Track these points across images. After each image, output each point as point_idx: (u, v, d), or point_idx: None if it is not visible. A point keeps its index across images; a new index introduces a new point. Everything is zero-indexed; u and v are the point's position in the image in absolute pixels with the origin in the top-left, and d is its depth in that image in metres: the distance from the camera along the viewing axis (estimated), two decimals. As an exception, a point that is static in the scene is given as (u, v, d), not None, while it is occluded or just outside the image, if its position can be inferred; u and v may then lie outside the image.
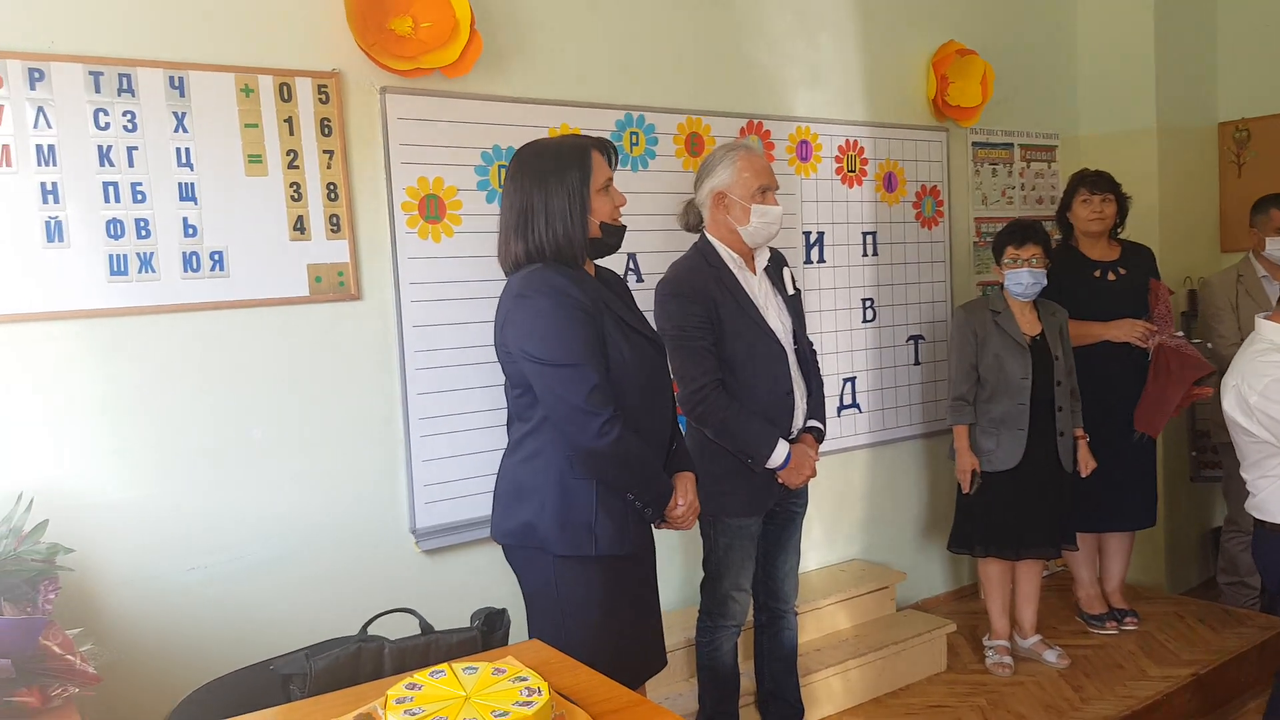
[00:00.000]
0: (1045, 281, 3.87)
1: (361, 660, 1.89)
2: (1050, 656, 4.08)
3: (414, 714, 1.51)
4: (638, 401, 2.48)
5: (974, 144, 4.80)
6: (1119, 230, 4.34)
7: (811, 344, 3.30)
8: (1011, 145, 4.96)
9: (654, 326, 2.86)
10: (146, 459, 2.74)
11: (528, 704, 1.53)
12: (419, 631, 2.00)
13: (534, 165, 2.48)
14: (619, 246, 2.57)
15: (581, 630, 2.47)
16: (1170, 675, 3.93)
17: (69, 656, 2.00)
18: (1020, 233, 3.87)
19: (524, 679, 1.63)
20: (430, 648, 1.95)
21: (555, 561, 2.49)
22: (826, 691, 3.73)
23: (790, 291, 3.23)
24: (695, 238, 3.18)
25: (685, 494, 2.61)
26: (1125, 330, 4.15)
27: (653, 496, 2.51)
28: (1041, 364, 3.87)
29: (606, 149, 2.55)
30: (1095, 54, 5.14)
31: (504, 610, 2.09)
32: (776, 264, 3.23)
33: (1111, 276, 4.26)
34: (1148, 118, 4.97)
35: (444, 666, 1.69)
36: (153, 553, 2.75)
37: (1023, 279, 3.84)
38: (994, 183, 4.90)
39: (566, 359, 2.36)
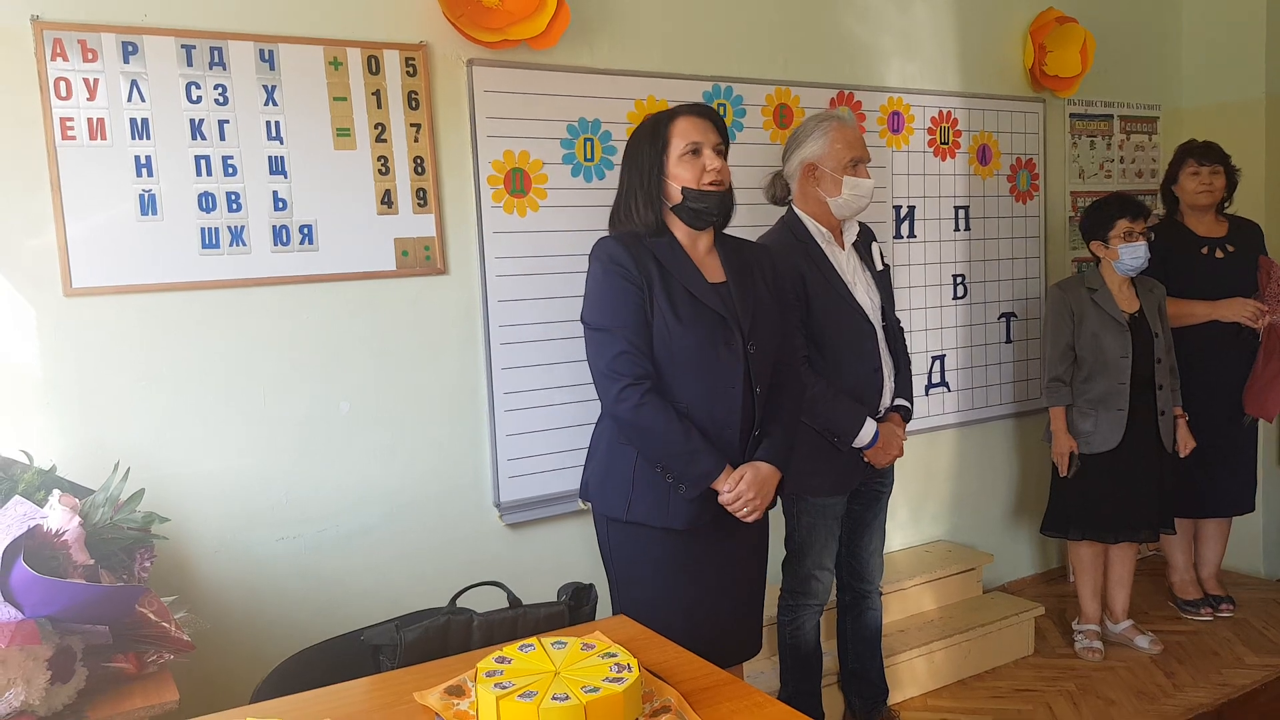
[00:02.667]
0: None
1: (451, 632, 1.89)
2: (1142, 642, 3.99)
3: (504, 687, 1.50)
4: (686, 376, 2.44)
5: (1072, 115, 4.65)
6: (1226, 205, 4.18)
7: (899, 321, 3.23)
8: (1111, 117, 4.79)
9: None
10: (238, 430, 2.78)
11: (618, 680, 1.52)
12: (506, 605, 2.00)
13: (629, 141, 2.57)
14: (715, 213, 2.50)
15: (635, 595, 2.53)
16: (1269, 664, 3.83)
17: (164, 624, 2.04)
18: (1135, 205, 3.75)
19: (613, 655, 1.62)
20: (518, 621, 1.95)
21: (605, 521, 2.58)
22: (910, 673, 3.68)
23: (879, 267, 3.16)
24: (781, 211, 3.13)
25: (735, 483, 2.45)
26: (1235, 309, 4.01)
27: (684, 473, 2.42)
28: (1141, 342, 3.75)
29: (703, 114, 2.52)
30: (1201, 21, 4.94)
31: (591, 585, 2.08)
32: (865, 239, 3.16)
33: (1219, 254, 4.11)
34: (1256, 88, 4.76)
35: (533, 640, 1.69)
36: (244, 523, 2.80)
37: (1140, 252, 3.71)
38: (1092, 156, 4.75)
39: (600, 322, 2.45)
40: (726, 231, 2.64)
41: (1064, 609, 4.33)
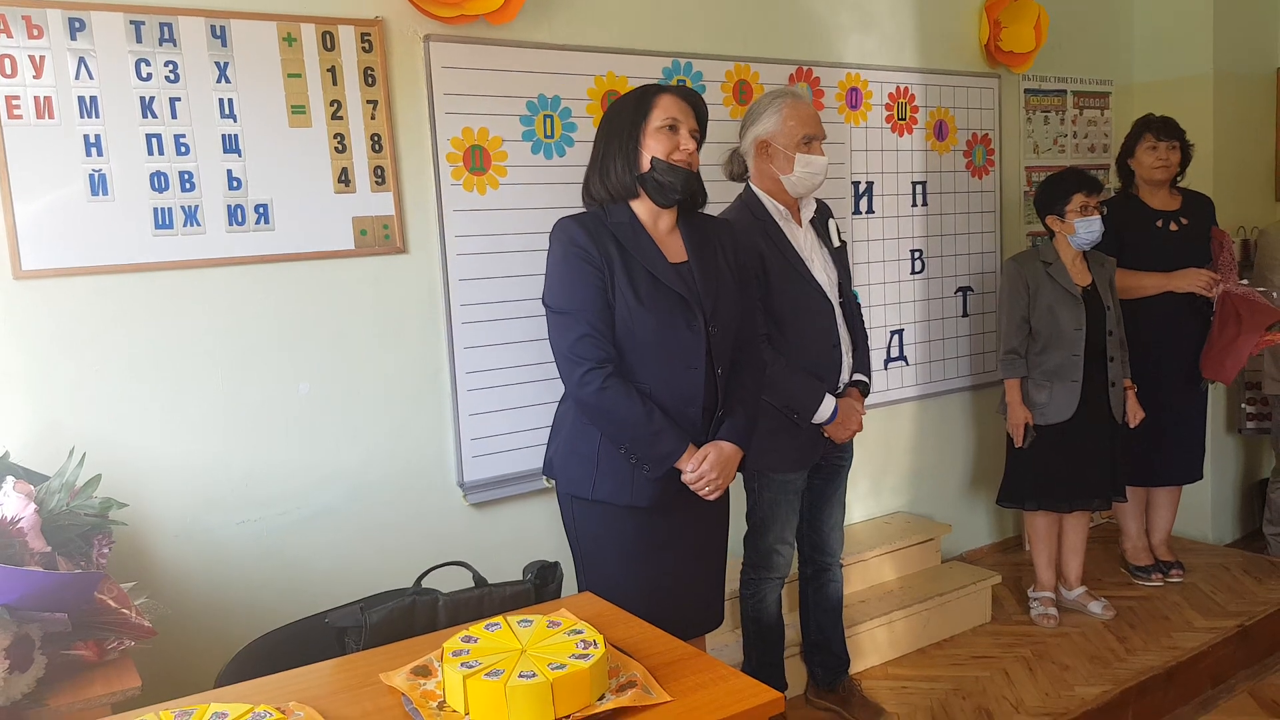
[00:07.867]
0: None
1: (416, 613, 1.89)
2: (1095, 608, 4.07)
3: (471, 666, 1.51)
4: (648, 357, 2.46)
5: (1026, 91, 4.69)
6: (1180, 179, 4.24)
7: (857, 297, 3.24)
8: (1064, 92, 4.83)
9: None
10: (195, 413, 2.75)
11: (584, 656, 1.53)
12: (472, 584, 2.00)
13: (610, 109, 2.59)
14: (680, 190, 2.50)
15: (600, 571, 2.55)
16: (1216, 626, 3.92)
17: (124, 610, 2.02)
18: (1091, 180, 3.80)
19: (579, 632, 1.63)
20: (484, 600, 1.96)
21: (570, 499, 2.59)
22: (872, 643, 3.73)
23: (836, 244, 3.17)
24: (739, 188, 3.13)
25: (698, 463, 2.47)
26: (1190, 280, 4.08)
27: (647, 455, 2.45)
28: (1094, 314, 3.81)
29: (689, 98, 2.54)
30: (1152, -1, 5.00)
31: (556, 563, 2.09)
32: (822, 216, 3.17)
33: (1174, 227, 4.17)
34: (1204, 64, 4.83)
35: (499, 619, 1.69)
36: (204, 506, 2.77)
37: (1095, 227, 3.76)
38: (1046, 131, 4.79)
39: (562, 306, 2.46)
40: None
41: (1020, 577, 4.40)
